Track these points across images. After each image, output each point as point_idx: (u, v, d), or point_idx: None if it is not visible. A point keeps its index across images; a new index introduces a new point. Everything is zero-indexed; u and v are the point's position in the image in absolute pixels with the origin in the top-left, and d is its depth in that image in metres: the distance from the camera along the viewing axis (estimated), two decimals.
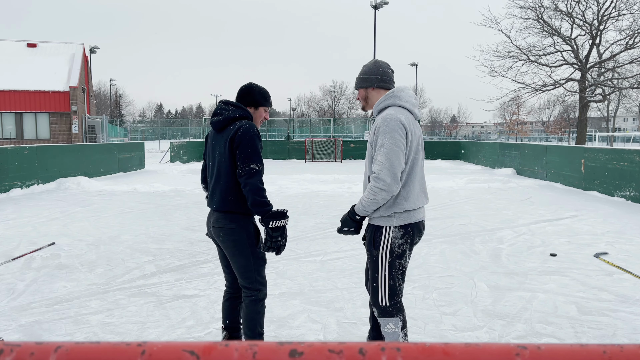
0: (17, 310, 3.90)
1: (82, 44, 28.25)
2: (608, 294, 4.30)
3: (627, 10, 19.34)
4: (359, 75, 2.83)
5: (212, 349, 0.52)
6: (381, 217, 2.66)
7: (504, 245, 6.10)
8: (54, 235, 6.58)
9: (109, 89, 76.01)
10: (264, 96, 2.96)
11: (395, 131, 2.55)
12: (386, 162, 2.53)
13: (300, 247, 5.97)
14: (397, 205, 2.62)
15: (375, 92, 2.79)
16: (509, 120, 50.47)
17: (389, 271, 2.66)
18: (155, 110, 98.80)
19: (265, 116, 2.99)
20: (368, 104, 2.84)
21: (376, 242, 2.67)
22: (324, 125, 49.07)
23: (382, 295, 2.68)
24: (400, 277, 2.70)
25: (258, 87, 2.96)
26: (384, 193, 2.54)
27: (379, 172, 2.54)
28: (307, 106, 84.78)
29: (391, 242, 2.64)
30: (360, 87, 2.83)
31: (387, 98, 2.71)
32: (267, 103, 2.97)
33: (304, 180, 13.52)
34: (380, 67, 2.78)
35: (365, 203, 2.62)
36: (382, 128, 2.56)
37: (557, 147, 13.77)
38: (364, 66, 2.84)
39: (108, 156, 15.94)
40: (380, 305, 2.70)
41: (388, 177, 2.52)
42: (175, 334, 3.47)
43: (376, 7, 31.45)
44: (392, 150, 2.53)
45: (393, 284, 2.67)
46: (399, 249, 2.65)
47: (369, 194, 2.58)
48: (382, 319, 2.72)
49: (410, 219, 2.66)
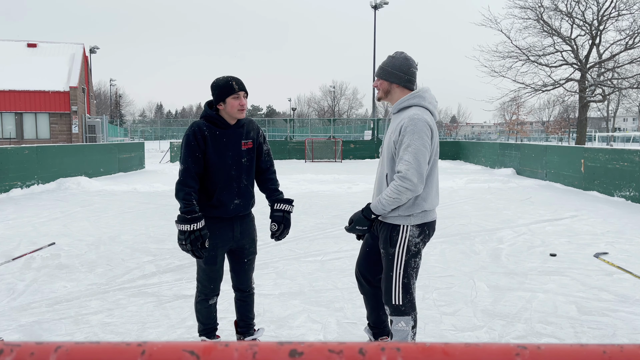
0: (17, 310, 3.90)
1: (82, 44, 28.25)
2: (608, 294, 4.30)
3: (627, 10, 19.35)
4: (387, 67, 2.73)
5: (212, 349, 0.52)
6: (399, 217, 2.65)
7: (504, 245, 6.10)
8: (54, 235, 6.58)
9: (109, 89, 76.04)
10: (219, 89, 2.78)
11: (423, 132, 2.54)
12: (414, 162, 2.50)
13: (300, 247, 5.97)
14: (416, 205, 2.62)
15: (399, 89, 2.74)
16: (509, 121, 50.44)
17: (404, 269, 2.66)
18: (155, 110, 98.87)
19: (240, 102, 2.77)
20: (387, 97, 2.79)
21: (393, 240, 2.66)
22: (324, 125, 49.08)
23: (396, 294, 2.67)
24: (414, 275, 2.71)
25: (214, 82, 2.82)
26: (409, 193, 2.53)
27: (406, 171, 2.51)
28: (307, 106, 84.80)
29: (408, 241, 2.64)
30: (384, 79, 2.75)
31: (412, 97, 2.68)
32: (225, 94, 2.77)
33: (303, 180, 13.53)
34: (411, 67, 2.73)
35: (386, 202, 2.59)
36: (410, 128, 2.53)
37: (557, 147, 13.77)
38: (393, 58, 2.74)
39: (108, 156, 15.94)
40: (393, 304, 2.70)
41: (415, 177, 2.50)
42: (175, 334, 3.47)
43: (376, 7, 31.45)
44: (420, 150, 2.52)
45: (407, 282, 2.68)
46: (415, 248, 2.66)
47: (393, 193, 2.55)
48: (394, 317, 2.72)
49: (427, 218, 2.68)
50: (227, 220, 2.90)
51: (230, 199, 2.86)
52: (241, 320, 3.19)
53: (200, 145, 2.78)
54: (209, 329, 3.09)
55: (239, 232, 2.94)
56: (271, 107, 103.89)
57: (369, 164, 22.68)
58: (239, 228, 2.94)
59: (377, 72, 2.80)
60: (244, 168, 2.90)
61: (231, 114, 2.80)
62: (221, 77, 2.84)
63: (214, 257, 2.90)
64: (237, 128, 2.87)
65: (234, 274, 3.11)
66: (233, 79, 2.81)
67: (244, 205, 2.93)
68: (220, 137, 2.82)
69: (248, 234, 3.01)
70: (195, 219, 2.73)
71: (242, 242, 2.99)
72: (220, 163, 2.82)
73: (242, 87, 2.81)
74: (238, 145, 2.86)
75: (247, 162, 2.91)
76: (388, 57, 2.77)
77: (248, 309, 3.18)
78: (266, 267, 5.03)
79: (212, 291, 3.00)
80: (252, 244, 3.05)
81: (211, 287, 2.99)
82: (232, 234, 2.92)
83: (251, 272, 3.14)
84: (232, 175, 2.85)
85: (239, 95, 2.77)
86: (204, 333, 3.09)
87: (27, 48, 27.70)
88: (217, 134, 2.81)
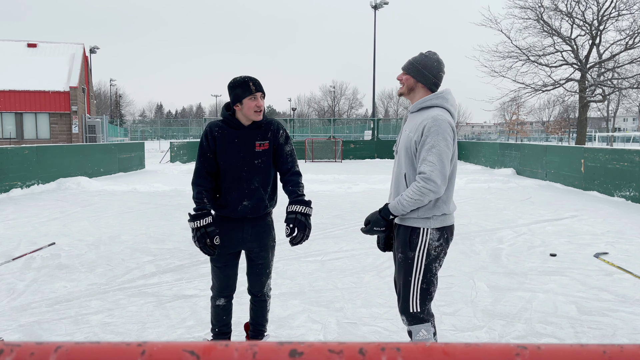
0: (17, 310, 3.90)
1: (82, 44, 28.25)
2: (608, 294, 4.30)
3: (627, 10, 19.35)
4: (418, 65, 2.64)
5: (212, 349, 0.52)
6: (418, 219, 2.56)
7: (504, 245, 6.10)
8: (54, 235, 6.58)
9: (109, 89, 76.08)
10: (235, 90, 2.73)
11: (447, 133, 2.48)
12: (438, 163, 2.45)
13: (300, 247, 5.96)
14: (437, 208, 2.56)
15: (424, 90, 2.66)
16: (509, 121, 50.46)
17: (423, 274, 2.57)
18: (156, 110, 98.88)
19: (256, 104, 2.72)
20: (409, 95, 2.70)
21: (412, 243, 2.57)
22: (324, 125, 49.08)
23: (414, 300, 2.57)
24: (434, 282, 2.61)
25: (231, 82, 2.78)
26: (432, 194, 2.46)
27: (430, 173, 2.44)
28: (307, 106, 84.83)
29: (428, 245, 2.55)
30: (412, 75, 2.65)
31: (435, 98, 2.61)
32: (243, 94, 2.71)
33: (304, 180, 13.51)
34: (440, 71, 2.65)
35: (406, 203, 2.51)
36: (434, 128, 2.47)
37: (557, 147, 13.77)
38: (426, 57, 2.65)
39: (108, 156, 15.94)
40: (411, 312, 2.59)
41: (439, 179, 2.45)
42: (175, 334, 3.47)
43: (376, 7, 31.46)
44: (444, 152, 2.46)
45: (426, 288, 2.58)
46: (435, 252, 2.57)
47: (415, 194, 2.47)
48: (413, 326, 2.60)
49: (446, 222, 2.61)
50: (237, 221, 2.87)
51: (239, 199, 2.82)
52: (252, 324, 3.16)
53: (210, 145, 2.80)
54: (217, 333, 3.06)
55: (249, 234, 2.89)
56: (271, 107, 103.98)
57: (369, 164, 22.69)
58: (249, 230, 2.89)
59: (405, 66, 2.69)
60: (257, 170, 2.83)
61: (248, 115, 2.75)
62: (238, 77, 2.78)
63: (220, 255, 2.88)
64: (252, 129, 2.81)
65: (247, 276, 3.07)
66: (250, 79, 2.74)
67: (254, 208, 2.85)
68: (232, 137, 2.79)
69: (259, 239, 2.93)
70: (200, 216, 2.73)
71: (252, 245, 2.93)
72: (229, 163, 2.79)
73: (259, 88, 2.75)
74: (251, 147, 2.81)
75: (261, 164, 2.84)
76: (420, 54, 2.68)
77: (259, 314, 3.13)
78: None
79: (218, 292, 2.98)
80: (263, 248, 2.96)
81: (218, 287, 2.97)
82: (242, 235, 2.89)
83: (264, 278, 3.05)
84: (242, 176, 2.81)
85: (256, 97, 2.72)
86: (213, 337, 3.09)
87: (27, 48, 27.70)
88: (229, 135, 2.79)
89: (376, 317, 3.77)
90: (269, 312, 3.18)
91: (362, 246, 5.98)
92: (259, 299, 3.09)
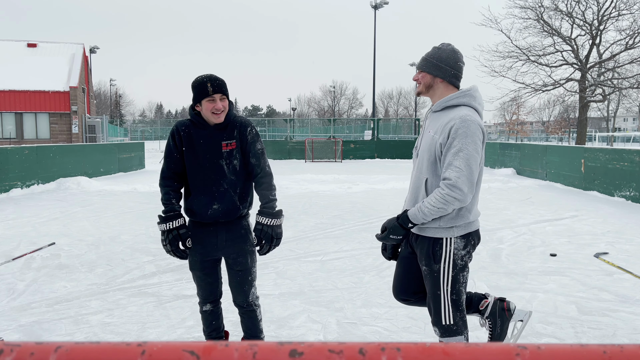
0: (17, 310, 3.90)
1: (82, 44, 28.26)
2: (608, 294, 4.30)
3: (627, 10, 19.36)
4: (432, 59, 2.45)
5: (212, 349, 0.52)
6: (440, 229, 2.38)
7: (504, 245, 6.10)
8: (54, 235, 6.58)
9: (109, 89, 76.11)
10: (194, 90, 2.59)
11: (476, 135, 2.29)
12: (466, 169, 2.25)
13: (300, 247, 5.97)
14: (460, 217, 2.37)
15: (444, 85, 2.45)
16: (509, 120, 50.45)
17: (452, 286, 2.40)
18: (155, 110, 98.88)
19: (215, 106, 2.54)
20: (429, 93, 2.50)
21: (437, 255, 2.39)
22: (324, 125, 49.07)
23: (446, 313, 2.42)
24: (464, 291, 2.45)
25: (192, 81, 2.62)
26: (457, 203, 2.27)
27: (457, 179, 2.24)
28: (307, 106, 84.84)
29: (453, 254, 2.38)
30: (427, 72, 2.46)
31: (462, 95, 2.41)
32: (199, 96, 2.56)
33: (304, 180, 13.52)
34: (458, 61, 2.45)
35: (428, 211, 2.31)
36: (462, 130, 2.26)
37: (557, 147, 13.77)
38: (439, 49, 2.46)
39: (108, 156, 15.94)
40: (443, 324, 2.44)
41: (465, 186, 2.25)
42: (175, 334, 3.47)
43: (376, 7, 31.47)
44: (472, 156, 2.26)
45: (456, 299, 2.42)
46: (461, 261, 2.40)
47: (439, 202, 2.28)
48: (445, 338, 2.46)
49: (471, 227, 2.43)
50: (209, 225, 2.71)
51: (208, 203, 2.65)
52: (246, 338, 2.96)
53: (177, 144, 2.67)
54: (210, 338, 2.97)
55: (223, 239, 2.73)
56: (271, 107, 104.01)
57: (369, 164, 22.69)
58: (224, 236, 2.72)
59: (419, 64, 2.51)
60: (224, 171, 2.66)
61: (206, 117, 2.60)
62: (199, 76, 2.60)
63: (196, 262, 2.76)
64: (218, 129, 2.65)
65: (230, 287, 2.86)
66: (210, 79, 2.55)
67: (225, 212, 2.68)
68: (197, 137, 2.64)
69: (235, 243, 2.75)
70: (170, 218, 2.63)
71: (228, 251, 2.75)
72: (196, 165, 2.66)
73: (218, 89, 2.54)
74: (217, 147, 2.64)
75: (228, 165, 2.66)
76: (433, 48, 2.49)
77: (250, 325, 2.91)
78: (266, 267, 5.03)
79: (203, 298, 2.88)
80: (240, 254, 2.76)
81: (202, 294, 2.87)
82: (216, 240, 2.72)
83: (247, 287, 2.82)
84: (210, 178, 2.65)
85: (214, 98, 2.53)
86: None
87: (27, 48, 27.71)
88: (195, 135, 2.64)
89: (376, 317, 3.77)
90: (261, 321, 2.94)
91: (362, 246, 5.98)
92: (246, 309, 2.87)
